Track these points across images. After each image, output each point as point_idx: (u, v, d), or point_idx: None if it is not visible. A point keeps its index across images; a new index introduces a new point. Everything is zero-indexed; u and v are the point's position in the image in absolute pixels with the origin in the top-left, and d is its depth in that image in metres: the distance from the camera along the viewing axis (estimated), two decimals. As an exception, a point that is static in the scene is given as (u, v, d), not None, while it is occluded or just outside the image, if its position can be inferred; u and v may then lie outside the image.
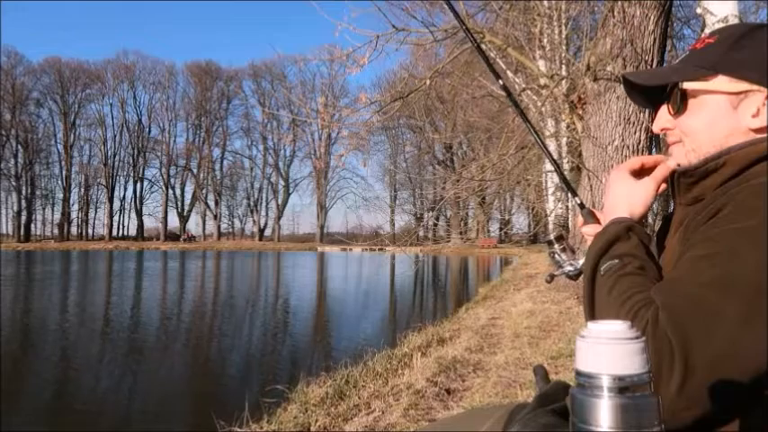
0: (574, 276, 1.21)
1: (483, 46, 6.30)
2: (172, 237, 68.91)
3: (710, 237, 0.79)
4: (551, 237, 1.24)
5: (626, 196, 0.99)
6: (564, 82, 6.36)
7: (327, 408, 4.24)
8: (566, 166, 8.60)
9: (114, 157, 71.19)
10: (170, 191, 71.13)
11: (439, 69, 5.86)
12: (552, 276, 1.29)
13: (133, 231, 71.83)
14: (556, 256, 1.22)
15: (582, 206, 1.22)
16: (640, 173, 1.02)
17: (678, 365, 0.70)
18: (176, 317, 14.07)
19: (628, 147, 3.56)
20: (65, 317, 13.37)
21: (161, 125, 72.21)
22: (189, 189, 73.38)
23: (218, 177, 73.48)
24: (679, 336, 0.71)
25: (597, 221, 1.17)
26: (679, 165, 0.96)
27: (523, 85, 7.91)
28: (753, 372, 0.70)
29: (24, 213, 67.02)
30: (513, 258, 30.39)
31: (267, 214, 73.86)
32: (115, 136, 71.50)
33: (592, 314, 0.87)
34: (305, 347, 10.09)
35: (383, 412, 3.96)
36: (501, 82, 1.34)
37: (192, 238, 69.02)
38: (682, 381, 0.70)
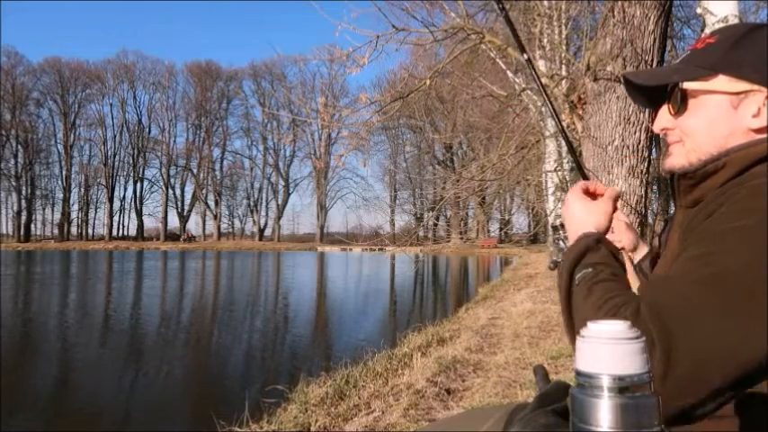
0: None
1: (483, 46, 6.30)
2: (172, 237, 68.90)
3: (703, 237, 0.79)
4: (557, 223, 1.23)
5: (589, 213, 1.00)
6: (564, 82, 6.36)
7: (327, 408, 4.24)
8: (566, 166, 8.59)
9: (114, 157, 71.29)
10: (170, 191, 71.21)
11: (439, 69, 5.85)
12: (556, 263, 1.28)
13: (133, 231, 71.94)
14: (560, 242, 1.21)
15: None
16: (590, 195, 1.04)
17: (659, 356, 0.70)
18: (176, 317, 14.08)
19: (628, 147, 3.56)
20: (65, 317, 13.37)
21: (161, 125, 72.31)
22: (189, 189, 73.51)
23: (218, 177, 73.56)
24: (660, 327, 0.71)
25: None
26: (678, 167, 0.96)
27: (523, 85, 7.91)
28: (736, 367, 0.70)
29: (24, 213, 67.04)
30: (513, 258, 30.38)
31: (267, 214, 73.97)
32: (115, 136, 71.62)
33: (570, 323, 0.86)
34: (305, 347, 10.09)
35: (383, 412, 3.96)
36: (525, 56, 1.33)
37: (192, 238, 69.02)
38: (663, 372, 0.70)
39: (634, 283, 1.19)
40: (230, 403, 5.13)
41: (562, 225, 1.22)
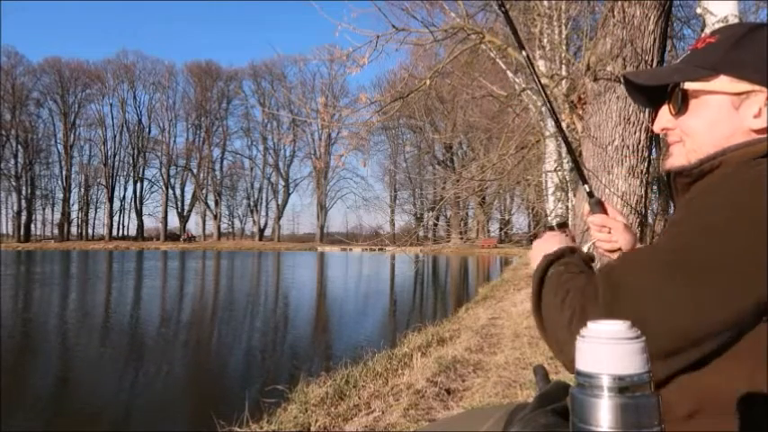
0: None
1: (483, 46, 6.30)
2: (172, 237, 68.90)
3: (670, 224, 0.84)
4: (553, 223, 1.22)
5: (563, 241, 1.06)
6: (564, 82, 6.36)
7: (327, 408, 4.24)
8: (566, 166, 8.60)
9: (114, 157, 71.31)
10: (170, 191, 71.22)
11: (439, 69, 5.84)
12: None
13: (133, 231, 71.97)
14: None
15: (591, 194, 1.21)
16: None
17: (600, 308, 0.77)
18: (176, 317, 14.08)
19: (628, 147, 3.56)
20: (65, 317, 13.38)
21: (161, 125, 72.34)
22: (189, 189, 73.53)
23: (218, 177, 73.59)
24: (606, 283, 0.79)
25: (605, 212, 1.17)
26: (678, 167, 0.96)
27: (523, 85, 7.90)
28: (670, 333, 0.74)
29: (24, 213, 67.06)
30: (513, 258, 30.39)
31: (267, 214, 74.00)
32: (115, 136, 71.64)
33: (538, 309, 0.89)
34: (305, 347, 10.09)
35: (383, 412, 3.96)
36: (525, 53, 1.33)
37: (192, 238, 69.03)
38: (606, 302, 0.77)
39: None
40: (230, 403, 5.12)
41: (560, 225, 1.22)
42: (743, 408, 0.74)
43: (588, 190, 1.22)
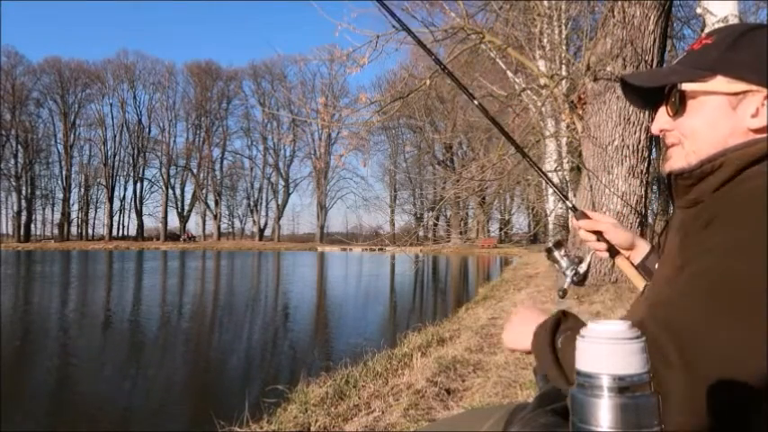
0: (580, 281, 1.24)
1: (483, 46, 6.31)
2: (172, 237, 68.87)
3: (703, 251, 0.79)
4: (550, 244, 1.26)
5: (539, 313, 1.02)
6: (564, 82, 6.37)
7: (327, 408, 4.23)
8: (566, 166, 8.60)
9: (114, 157, 71.27)
10: (170, 191, 71.18)
11: (439, 69, 5.84)
12: (564, 291, 1.31)
13: (133, 231, 71.93)
14: (563, 261, 1.25)
15: (574, 209, 1.25)
16: None
17: (675, 360, 0.70)
18: (176, 317, 14.07)
19: (627, 146, 3.56)
20: (65, 317, 13.37)
21: (161, 125, 72.28)
22: (189, 189, 73.50)
23: (218, 177, 73.55)
24: (669, 333, 0.72)
25: (588, 219, 1.21)
26: (678, 169, 0.96)
27: (523, 85, 7.91)
28: (746, 376, 0.69)
29: (24, 213, 67.04)
30: (513, 258, 30.38)
31: (267, 214, 73.96)
32: (115, 136, 71.62)
33: (563, 373, 0.85)
34: (305, 347, 10.09)
35: (383, 412, 3.96)
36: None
37: (192, 238, 69.00)
38: (687, 393, 0.69)
39: (638, 281, 1.20)
40: (230, 403, 5.12)
41: (556, 245, 1.25)
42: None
43: (571, 205, 1.26)
